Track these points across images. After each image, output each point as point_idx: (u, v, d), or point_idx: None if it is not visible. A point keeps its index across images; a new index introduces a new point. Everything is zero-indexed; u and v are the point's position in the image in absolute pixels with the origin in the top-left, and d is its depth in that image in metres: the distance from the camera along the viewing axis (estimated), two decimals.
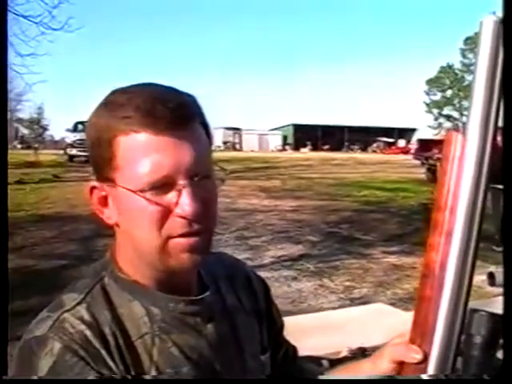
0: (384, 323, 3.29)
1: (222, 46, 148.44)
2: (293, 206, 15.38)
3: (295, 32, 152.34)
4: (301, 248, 10.28)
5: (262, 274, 1.38)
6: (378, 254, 9.92)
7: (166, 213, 1.03)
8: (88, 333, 1.01)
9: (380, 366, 1.14)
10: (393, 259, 9.45)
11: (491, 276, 3.45)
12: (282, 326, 1.42)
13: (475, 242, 0.96)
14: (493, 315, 1.00)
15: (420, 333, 1.01)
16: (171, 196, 1.03)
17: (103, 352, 1.01)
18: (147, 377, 1.04)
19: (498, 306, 0.98)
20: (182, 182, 1.02)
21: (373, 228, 12.35)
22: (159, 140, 1.01)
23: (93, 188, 1.08)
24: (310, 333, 2.97)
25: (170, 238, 1.04)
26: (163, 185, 1.02)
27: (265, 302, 1.35)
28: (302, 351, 1.89)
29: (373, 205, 15.84)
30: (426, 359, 0.99)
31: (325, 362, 2.26)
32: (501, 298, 0.94)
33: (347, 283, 8.00)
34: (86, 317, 1.03)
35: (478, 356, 0.98)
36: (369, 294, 7.44)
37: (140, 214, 1.03)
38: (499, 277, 3.47)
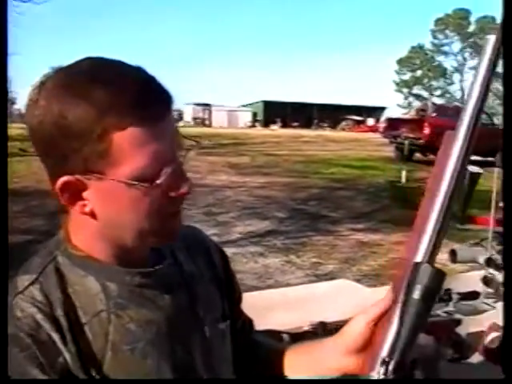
0: (348, 299, 3.32)
1: (192, 22, 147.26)
2: (261, 183, 15.37)
3: (266, 10, 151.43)
4: (268, 224, 10.31)
5: (230, 249, 1.38)
6: (345, 230, 9.98)
7: (161, 197, 1.04)
8: (39, 316, 1.00)
9: (350, 332, 1.15)
10: (359, 236, 9.51)
11: (453, 253, 3.50)
12: (240, 297, 1.42)
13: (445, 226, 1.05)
14: (434, 269, 1.03)
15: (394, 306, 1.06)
16: (165, 179, 1.02)
17: (54, 335, 1.00)
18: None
19: (463, 283, 1.02)
20: (173, 163, 1.03)
21: (340, 205, 12.40)
22: (156, 130, 1.01)
23: (66, 183, 1.03)
24: (274, 308, 2.98)
25: (161, 219, 1.06)
26: (159, 171, 1.02)
27: (223, 270, 1.35)
28: (265, 326, 1.90)
29: (341, 182, 15.87)
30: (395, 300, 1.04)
31: (285, 337, 2.27)
32: (466, 274, 0.99)
33: (314, 259, 8.04)
34: (39, 298, 1.02)
35: (417, 306, 1.02)
36: (335, 270, 7.50)
37: (136, 203, 1.03)
38: (461, 254, 3.53)
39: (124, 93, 0.98)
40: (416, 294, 1.02)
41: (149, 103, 1.00)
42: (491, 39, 1.02)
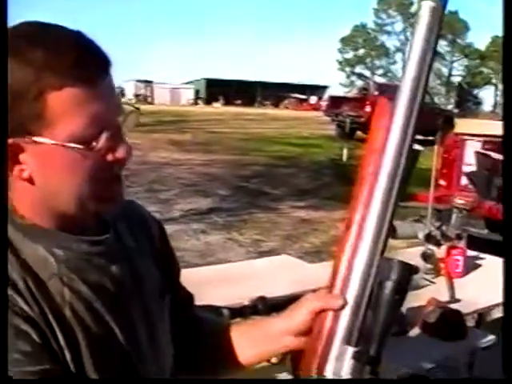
0: (288, 274, 3.32)
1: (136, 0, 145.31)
2: (203, 160, 15.32)
3: None
4: (210, 201, 10.31)
5: (171, 227, 1.35)
6: (287, 208, 10.03)
7: (100, 161, 1.02)
8: None
9: (296, 318, 1.16)
10: (301, 213, 9.57)
11: (393, 229, 3.54)
12: (179, 270, 1.41)
13: (395, 199, 1.05)
14: (403, 263, 1.04)
15: (338, 279, 1.07)
16: (103, 143, 1.01)
17: (16, 297, 0.98)
18: None
19: (402, 259, 1.04)
20: (112, 127, 1.02)
21: (282, 183, 12.45)
22: (93, 91, 0.99)
23: None
24: (214, 284, 2.96)
25: (101, 184, 1.04)
26: (98, 134, 1.00)
27: (161, 243, 1.34)
28: (206, 302, 1.88)
29: (283, 160, 15.93)
30: (345, 305, 1.06)
31: (225, 312, 2.25)
32: (406, 251, 1.00)
33: (256, 237, 8.07)
34: None
35: (388, 300, 1.03)
36: (277, 247, 7.52)
37: (73, 167, 1.01)
38: (401, 230, 3.56)
39: (61, 53, 0.96)
40: (388, 291, 1.02)
41: (86, 64, 0.98)
42: (426, 5, 1.02)
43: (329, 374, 1.06)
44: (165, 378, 1.08)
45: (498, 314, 5.49)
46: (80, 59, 0.97)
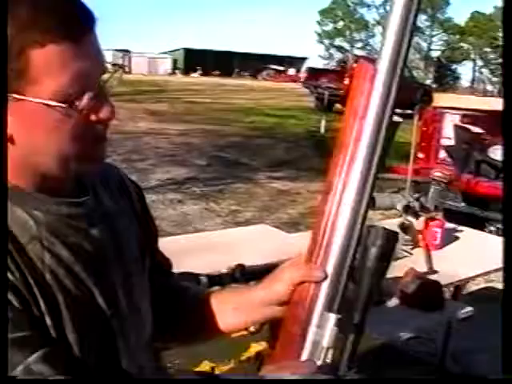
0: (267, 243, 3.30)
1: None
2: (181, 130, 15.25)
3: None
4: (187, 171, 10.27)
5: (148, 196, 1.32)
6: (264, 178, 10.03)
7: (83, 121, 1.00)
8: None
9: (276, 289, 1.14)
10: (278, 184, 9.56)
11: (371, 199, 3.53)
12: (156, 235, 1.38)
13: (376, 167, 1.03)
14: (387, 230, 1.02)
15: (318, 249, 1.05)
16: (86, 102, 0.98)
17: None
18: None
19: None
20: (95, 86, 1.00)
21: (260, 153, 12.43)
22: (77, 49, 0.96)
23: None
24: (192, 253, 2.93)
25: (84, 145, 1.01)
26: (81, 93, 0.97)
27: (140, 206, 1.31)
28: (184, 270, 1.85)
29: (261, 131, 15.90)
30: (326, 278, 1.04)
31: (203, 279, 2.23)
32: (384, 222, 0.99)
33: (233, 207, 8.05)
34: None
35: (372, 267, 1.01)
36: (254, 217, 7.51)
37: (56, 127, 0.98)
38: (379, 201, 3.56)
39: (45, 10, 0.94)
40: (372, 257, 1.01)
41: (70, 21, 0.95)
42: None
43: (309, 341, 1.04)
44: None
45: (474, 286, 5.56)
46: (64, 16, 0.95)
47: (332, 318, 1.03)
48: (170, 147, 12.64)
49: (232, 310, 1.27)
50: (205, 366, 2.13)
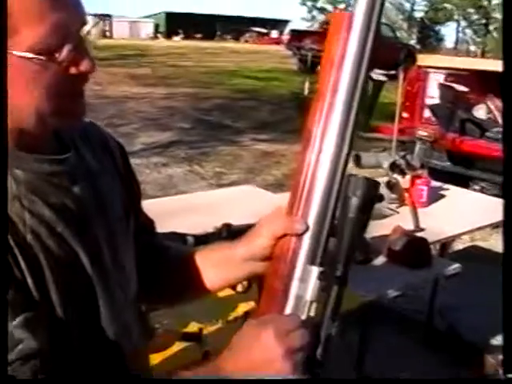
0: (253, 204, 3.28)
1: None
2: (164, 94, 15.15)
3: None
4: (171, 135, 10.23)
5: (133, 160, 1.31)
6: (249, 141, 10.00)
7: (62, 74, 0.97)
8: None
9: (257, 243, 1.13)
10: (263, 146, 9.54)
11: (357, 158, 3.51)
12: (140, 195, 1.36)
13: (355, 116, 1.02)
14: (367, 179, 1.02)
15: (299, 201, 1.04)
16: (66, 54, 0.95)
17: None
18: None
19: None
20: (75, 38, 0.97)
21: (244, 116, 12.38)
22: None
23: None
24: (177, 214, 2.91)
25: (63, 99, 0.99)
26: (60, 45, 0.94)
27: (122, 164, 1.28)
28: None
29: (244, 93, 15.82)
30: (307, 230, 1.03)
31: (190, 239, 2.21)
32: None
33: (217, 169, 8.04)
34: None
35: (354, 217, 1.00)
36: (239, 180, 7.50)
37: (34, 80, 0.95)
38: (365, 159, 3.54)
39: None
40: (353, 208, 1.00)
41: None
42: None
43: (292, 295, 1.03)
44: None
45: (459, 245, 5.59)
46: None
47: (314, 271, 1.02)
48: (153, 111, 12.55)
49: (214, 268, 1.26)
50: (192, 327, 2.12)
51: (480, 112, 7.22)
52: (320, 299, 1.02)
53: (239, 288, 2.25)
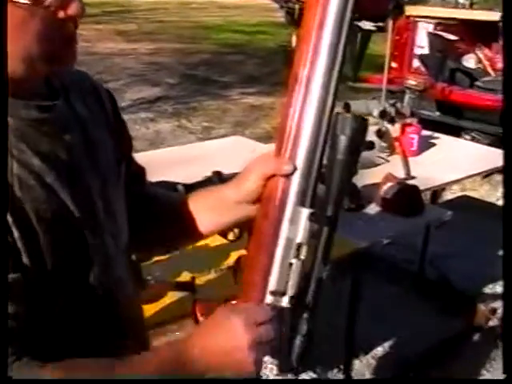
0: (242, 154, 3.25)
1: None
2: (150, 49, 14.97)
3: None
4: (158, 90, 10.13)
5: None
6: (236, 95, 9.95)
7: (51, 19, 0.94)
8: None
9: (246, 186, 1.12)
10: (251, 100, 9.50)
11: (347, 106, 3.48)
12: (131, 143, 1.34)
13: (342, 56, 1.01)
14: (356, 117, 1.00)
15: (286, 142, 1.03)
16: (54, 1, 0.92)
17: None
18: None
19: None
20: None
21: (231, 70, 12.26)
22: None
23: None
24: (167, 166, 2.88)
25: (53, 44, 0.96)
26: None
27: (113, 113, 1.26)
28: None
29: (231, 47, 15.67)
30: (295, 170, 1.02)
31: (180, 187, 2.18)
32: None
33: (205, 124, 8.02)
34: None
35: (342, 156, 0.99)
36: (227, 133, 7.43)
37: (22, 25, 0.93)
38: (355, 107, 3.51)
39: None
40: (342, 148, 0.99)
41: None
42: None
43: (282, 238, 1.02)
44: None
45: (449, 195, 5.60)
46: None
47: (305, 212, 1.01)
48: (140, 67, 12.41)
49: (206, 212, 1.25)
50: (185, 277, 2.11)
51: (469, 62, 7.18)
52: (310, 243, 1.01)
53: (231, 236, 2.24)
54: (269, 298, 1.03)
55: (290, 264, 1.02)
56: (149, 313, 1.84)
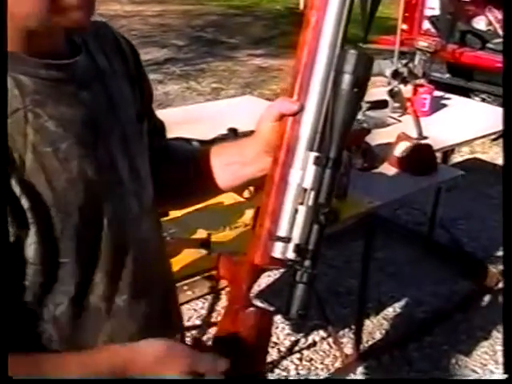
0: (255, 112, 3.23)
1: None
2: (157, 11, 14.83)
3: None
4: (166, 52, 10.06)
5: None
6: (244, 56, 9.89)
7: None
8: None
9: (260, 131, 1.10)
10: (259, 61, 9.45)
11: None
12: (151, 95, 1.31)
13: (349, 7, 0.99)
14: (360, 53, 0.97)
15: (299, 87, 1.01)
16: None
17: None
18: None
19: (370, 96, 1.00)
20: None
21: (239, 31, 12.19)
22: None
23: None
24: (180, 125, 2.86)
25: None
26: None
27: (134, 65, 1.22)
28: None
29: (238, 9, 15.53)
30: (302, 109, 1.00)
31: (196, 144, 2.17)
32: (373, 90, 0.97)
33: (214, 85, 7.98)
34: None
35: (346, 94, 0.97)
36: (236, 94, 7.42)
37: None
38: None
39: None
40: (345, 84, 0.96)
41: None
42: None
43: (292, 183, 1.01)
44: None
45: (460, 157, 5.59)
46: None
47: (311, 156, 1.00)
48: (146, 29, 12.31)
49: (223, 165, 1.24)
50: (201, 234, 2.11)
51: (480, 24, 7.10)
52: (318, 184, 1.00)
53: (246, 194, 2.24)
54: (276, 244, 1.02)
55: (296, 210, 1.01)
56: None
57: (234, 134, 2.43)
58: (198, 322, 3.35)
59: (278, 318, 3.00)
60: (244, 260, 1.05)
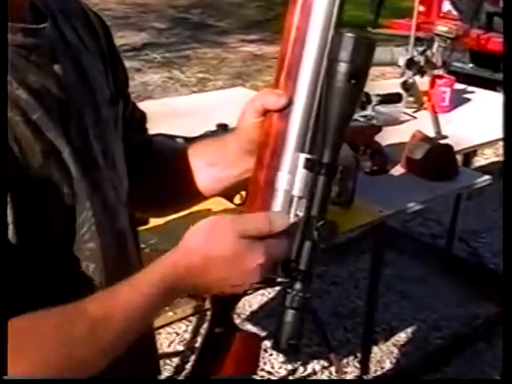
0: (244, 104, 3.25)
1: None
2: None
3: None
4: (145, 36, 10.12)
5: None
6: (235, 42, 9.95)
7: None
8: None
9: (242, 127, 1.11)
10: (252, 48, 9.48)
11: None
12: (126, 77, 1.32)
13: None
14: (358, 37, 0.96)
15: (285, 72, 1.01)
16: None
17: None
18: None
19: (382, 88, 1.00)
20: None
21: (228, 14, 12.22)
22: None
23: None
24: (165, 118, 2.87)
25: None
26: None
27: (106, 41, 1.23)
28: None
29: None
30: (290, 103, 0.99)
31: (180, 140, 2.19)
32: (385, 82, 0.98)
33: (200, 75, 8.01)
34: None
35: (341, 86, 0.95)
36: (226, 86, 7.43)
37: None
38: (376, 55, 3.48)
39: None
40: (341, 75, 0.95)
41: None
42: None
43: (279, 190, 1.00)
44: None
45: (483, 160, 5.59)
46: None
47: (301, 158, 0.99)
48: (122, 8, 12.32)
49: (203, 166, 1.26)
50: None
51: None
52: (309, 191, 0.99)
53: (237, 200, 2.24)
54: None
55: None
56: None
57: (223, 130, 2.44)
58: (180, 348, 3.35)
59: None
60: None
